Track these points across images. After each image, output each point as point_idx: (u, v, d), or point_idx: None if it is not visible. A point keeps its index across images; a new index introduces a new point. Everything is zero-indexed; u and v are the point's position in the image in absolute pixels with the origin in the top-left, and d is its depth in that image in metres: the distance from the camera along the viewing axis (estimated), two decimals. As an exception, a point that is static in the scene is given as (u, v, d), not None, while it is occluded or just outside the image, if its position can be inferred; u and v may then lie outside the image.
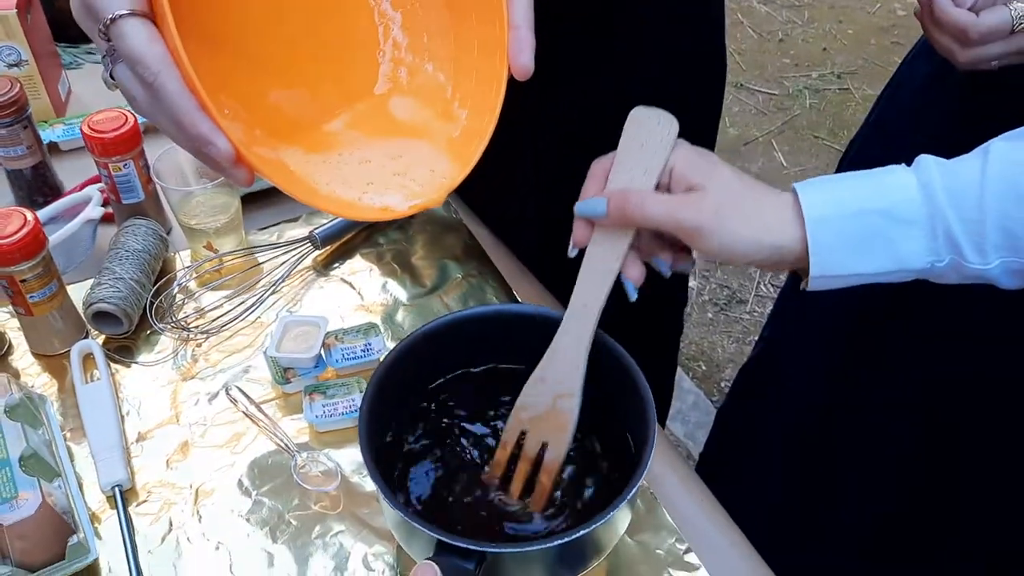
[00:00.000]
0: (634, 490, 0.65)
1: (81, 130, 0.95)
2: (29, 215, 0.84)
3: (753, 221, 0.61)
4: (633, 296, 0.67)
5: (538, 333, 0.71)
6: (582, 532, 0.62)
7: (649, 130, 0.66)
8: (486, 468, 0.72)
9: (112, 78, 0.56)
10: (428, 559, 0.60)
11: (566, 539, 0.62)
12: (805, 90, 3.01)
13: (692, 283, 2.33)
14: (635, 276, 0.67)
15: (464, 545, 0.62)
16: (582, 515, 0.70)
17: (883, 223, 0.59)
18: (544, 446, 0.69)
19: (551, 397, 0.69)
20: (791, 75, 3.09)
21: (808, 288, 0.62)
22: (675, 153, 0.65)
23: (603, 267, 0.66)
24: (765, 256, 0.62)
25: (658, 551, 0.75)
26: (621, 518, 0.69)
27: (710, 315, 2.28)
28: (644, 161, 0.65)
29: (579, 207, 0.66)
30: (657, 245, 0.67)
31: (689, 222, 0.62)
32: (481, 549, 0.62)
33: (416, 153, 0.64)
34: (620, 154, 0.67)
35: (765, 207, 0.62)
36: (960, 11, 0.72)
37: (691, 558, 0.75)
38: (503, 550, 0.64)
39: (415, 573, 0.58)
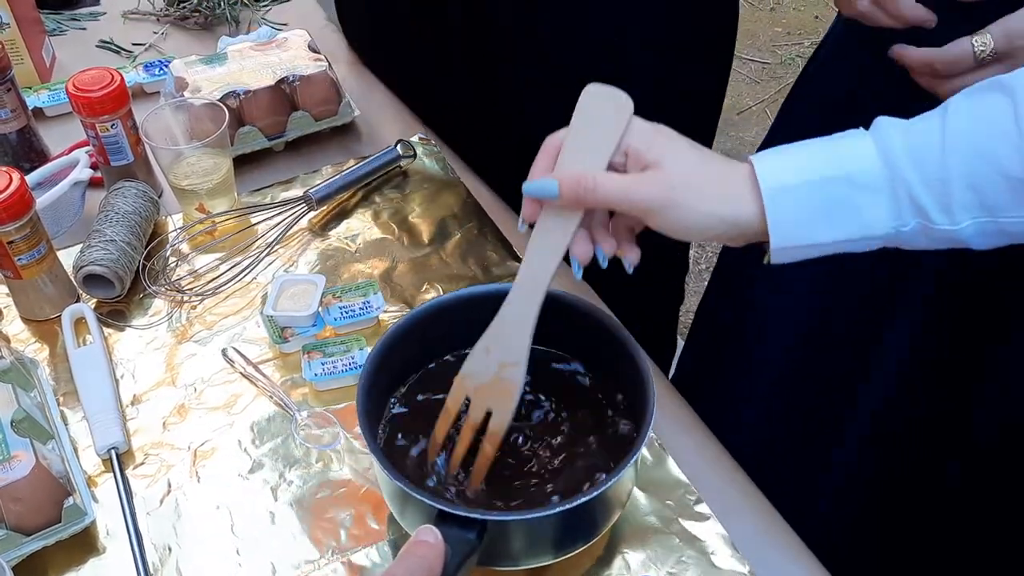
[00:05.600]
0: (634, 457, 0.64)
1: (66, 90, 0.92)
2: (15, 175, 0.82)
3: (710, 196, 0.59)
4: (578, 275, 0.66)
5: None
6: (583, 499, 0.61)
7: (603, 108, 0.64)
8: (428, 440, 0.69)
9: None
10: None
11: (568, 506, 0.61)
12: (798, 58, 2.98)
13: (691, 251, 2.31)
14: (581, 253, 0.65)
15: (464, 514, 0.60)
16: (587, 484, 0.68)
17: (843, 190, 0.57)
18: (488, 414, 0.67)
19: (496, 366, 0.67)
20: (783, 44, 3.06)
21: (771, 261, 0.60)
22: (631, 131, 0.63)
23: (552, 243, 0.64)
24: (724, 231, 0.60)
25: (668, 502, 0.74)
26: (624, 484, 0.67)
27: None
28: (596, 140, 0.63)
29: (529, 188, 0.64)
30: (604, 230, 0.66)
31: (643, 201, 0.60)
32: (483, 518, 0.60)
33: None
34: (572, 132, 0.64)
35: (722, 181, 0.60)
36: (919, 49, 0.72)
37: (702, 508, 0.73)
38: (505, 518, 0.62)
39: (415, 537, 0.56)
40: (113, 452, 0.77)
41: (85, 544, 0.72)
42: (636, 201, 0.60)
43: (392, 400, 0.73)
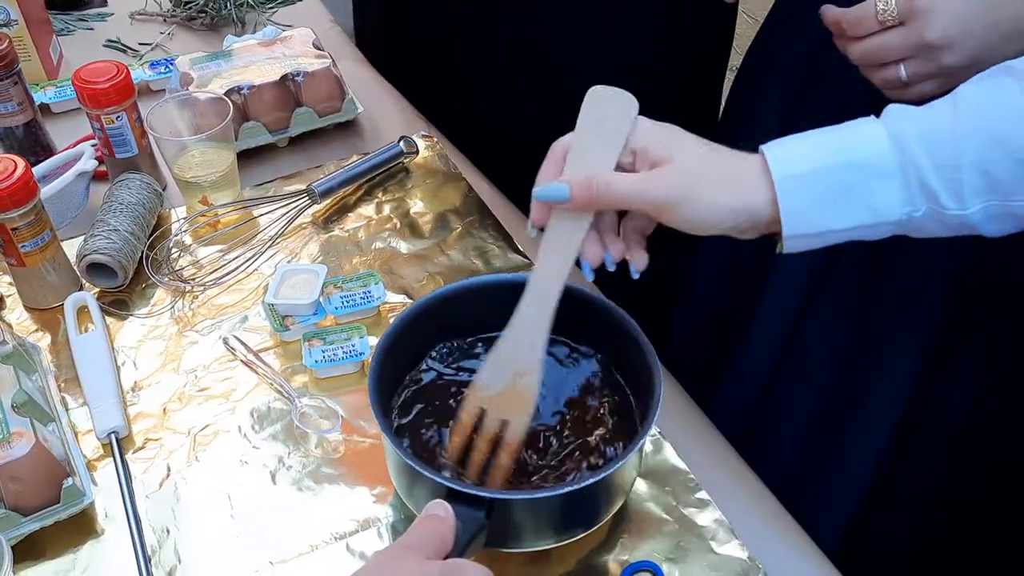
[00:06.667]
0: (639, 445, 0.64)
1: (72, 81, 0.93)
2: (20, 162, 0.83)
3: (722, 188, 0.60)
4: (589, 278, 0.66)
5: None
6: (588, 482, 0.62)
7: (608, 110, 0.64)
8: (443, 451, 0.69)
9: None
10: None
11: (575, 487, 0.61)
12: (802, 73, 3.00)
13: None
14: (592, 255, 0.65)
15: (474, 492, 0.61)
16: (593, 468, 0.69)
17: (854, 176, 0.57)
18: (504, 425, 0.66)
19: (511, 375, 0.66)
20: (787, 58, 3.08)
21: (784, 251, 0.61)
22: (637, 130, 0.63)
23: (563, 247, 0.64)
24: (739, 222, 0.60)
25: (667, 489, 0.74)
26: (627, 471, 0.68)
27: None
28: (604, 141, 0.63)
29: (539, 192, 0.63)
30: (612, 233, 0.66)
31: (657, 197, 0.60)
32: (491, 496, 0.61)
33: None
34: (578, 134, 0.65)
35: (733, 172, 0.60)
36: (833, 8, 0.72)
37: (701, 495, 0.73)
38: (513, 496, 0.63)
39: (427, 511, 0.57)
40: (113, 436, 0.77)
41: (83, 526, 0.72)
42: (650, 199, 0.60)
43: (400, 384, 0.74)
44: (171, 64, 1.16)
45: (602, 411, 0.72)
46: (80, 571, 0.70)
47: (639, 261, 0.66)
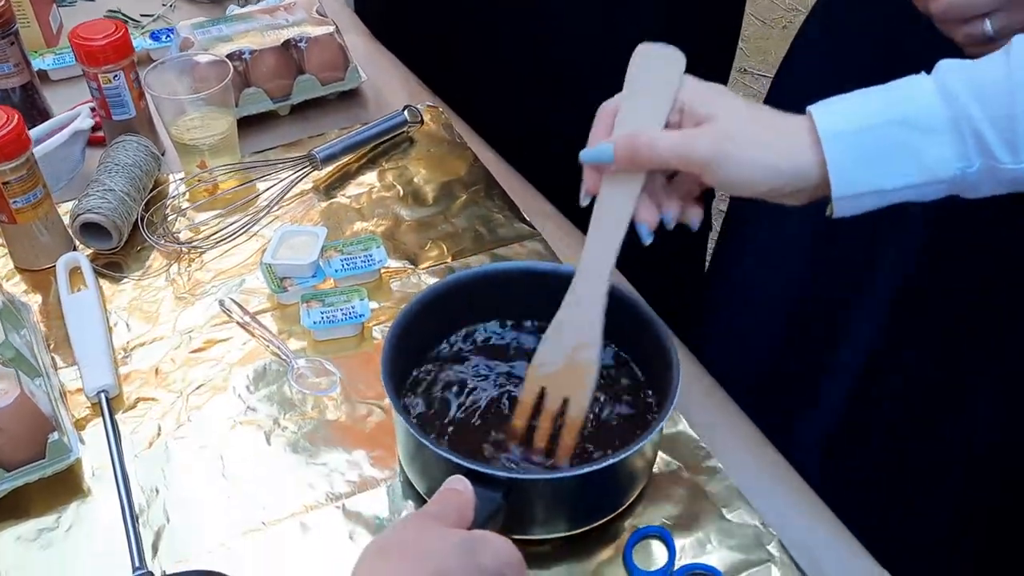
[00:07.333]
0: (661, 424, 0.63)
1: (69, 38, 0.91)
2: (14, 115, 0.80)
3: (767, 146, 0.58)
4: (647, 240, 0.63)
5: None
6: (610, 461, 0.60)
7: (655, 68, 0.62)
8: (500, 432, 0.68)
9: None
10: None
11: (594, 468, 0.60)
12: (809, 75, 2.98)
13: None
14: (649, 219, 0.62)
15: (492, 472, 0.59)
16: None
17: (904, 133, 0.55)
18: (566, 402, 0.65)
19: (569, 350, 0.65)
20: (795, 61, 3.06)
21: (834, 214, 0.58)
22: (684, 88, 0.61)
23: (616, 213, 0.62)
24: (784, 183, 0.58)
25: (678, 457, 0.71)
26: (645, 455, 0.66)
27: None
28: (651, 100, 0.61)
29: (585, 155, 0.62)
30: (665, 194, 0.64)
31: (700, 155, 0.58)
32: (509, 476, 0.59)
33: None
34: (626, 95, 0.63)
35: (779, 131, 0.58)
36: None
37: (712, 462, 0.70)
38: (531, 477, 0.62)
39: (446, 486, 0.55)
40: (103, 395, 0.74)
41: (70, 484, 0.69)
42: (692, 156, 0.58)
43: (415, 364, 0.73)
44: (172, 33, 1.14)
45: (622, 397, 0.71)
46: (64, 529, 0.67)
47: (695, 217, 0.63)
